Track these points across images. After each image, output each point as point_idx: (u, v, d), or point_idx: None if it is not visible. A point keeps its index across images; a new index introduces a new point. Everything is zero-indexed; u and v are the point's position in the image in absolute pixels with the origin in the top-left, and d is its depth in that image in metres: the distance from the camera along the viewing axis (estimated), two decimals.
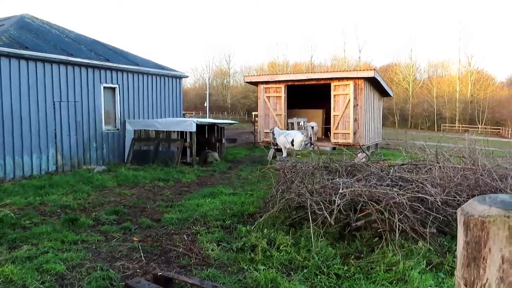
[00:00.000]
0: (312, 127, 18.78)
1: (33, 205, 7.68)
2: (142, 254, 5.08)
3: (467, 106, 61.09)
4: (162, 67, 16.10)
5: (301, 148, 14.18)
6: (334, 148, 17.18)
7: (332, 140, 17.95)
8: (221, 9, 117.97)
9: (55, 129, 11.74)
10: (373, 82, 19.30)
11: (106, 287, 4.15)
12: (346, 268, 4.45)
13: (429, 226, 5.08)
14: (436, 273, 4.36)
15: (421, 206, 5.24)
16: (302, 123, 19.16)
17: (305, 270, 4.45)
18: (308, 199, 5.54)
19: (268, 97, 19.91)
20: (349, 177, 6.52)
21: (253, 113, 41.36)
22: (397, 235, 4.87)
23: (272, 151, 15.46)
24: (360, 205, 5.38)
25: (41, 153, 11.35)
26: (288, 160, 9.68)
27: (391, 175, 6.38)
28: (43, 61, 11.37)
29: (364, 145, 17.58)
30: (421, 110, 62.71)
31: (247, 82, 23.51)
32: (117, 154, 13.76)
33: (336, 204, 5.20)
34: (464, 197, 5.43)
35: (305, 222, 5.68)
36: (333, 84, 18.37)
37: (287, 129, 17.95)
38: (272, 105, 19.78)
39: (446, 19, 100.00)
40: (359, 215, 5.39)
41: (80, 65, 12.40)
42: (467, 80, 63.34)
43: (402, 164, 7.31)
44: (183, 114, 18.40)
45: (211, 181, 10.83)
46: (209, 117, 41.99)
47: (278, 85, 19.76)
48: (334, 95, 18.34)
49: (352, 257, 4.75)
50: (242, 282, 4.25)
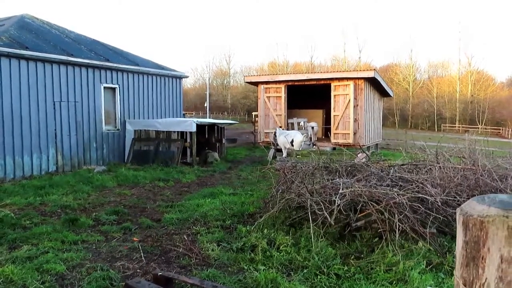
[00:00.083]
0: (312, 127, 18.80)
1: (33, 205, 7.68)
2: (142, 254, 5.08)
3: (467, 106, 61.10)
4: (162, 67, 16.11)
5: (301, 148, 14.18)
6: (334, 148, 17.18)
7: (332, 140, 17.95)
8: (221, 9, 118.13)
9: (55, 129, 11.75)
10: (373, 82, 19.30)
11: (106, 287, 4.15)
12: (346, 268, 4.45)
13: (429, 226, 5.08)
14: (436, 273, 4.36)
15: (421, 206, 5.24)
16: (302, 123, 19.16)
17: (305, 270, 4.45)
18: (308, 199, 5.54)
19: (268, 97, 19.91)
20: (349, 177, 6.52)
21: (253, 113, 41.37)
22: (397, 235, 4.87)
23: (272, 151, 15.46)
24: (360, 205, 5.38)
25: (41, 153, 11.35)
26: (288, 160, 9.68)
27: (391, 175, 6.38)
28: (43, 61, 11.38)
29: (364, 145, 17.58)
30: (421, 110, 62.72)
31: (247, 82, 23.51)
32: (117, 154, 13.77)
33: (336, 204, 5.20)
34: (464, 197, 5.44)
35: (305, 222, 5.68)
36: (333, 84, 18.37)
37: (287, 129, 17.94)
38: (272, 105, 19.78)
39: (446, 19, 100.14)
40: (359, 215, 5.39)
41: (80, 65, 12.41)
42: (467, 80, 63.34)
43: (402, 164, 7.31)
44: (183, 114, 18.40)
45: (211, 181, 10.83)
46: (209, 117, 42.00)
47: (278, 85, 19.75)
48: (334, 95, 18.34)
49: (352, 257, 4.75)
50: (242, 282, 4.25)
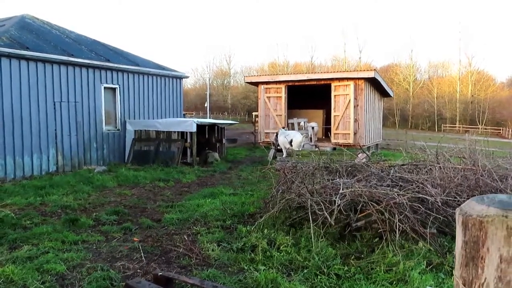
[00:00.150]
0: (313, 127, 18.80)
1: (33, 205, 7.68)
2: (142, 254, 5.08)
3: (467, 106, 61.06)
4: (163, 68, 16.12)
5: (301, 148, 14.19)
6: (335, 149, 17.17)
7: (333, 140, 17.95)
8: (221, 9, 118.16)
9: (55, 130, 11.76)
10: (374, 83, 19.30)
11: (106, 287, 4.15)
12: (346, 268, 4.46)
13: (430, 227, 5.08)
14: (436, 273, 4.36)
15: (421, 206, 5.24)
16: (302, 124, 19.16)
17: (305, 270, 4.45)
18: (309, 200, 5.54)
19: (269, 98, 19.91)
20: (349, 177, 6.52)
21: (254, 113, 41.36)
22: (397, 236, 4.87)
23: (272, 151, 15.46)
24: (360, 205, 5.38)
25: (41, 153, 11.36)
26: (288, 161, 9.69)
27: (392, 175, 6.38)
28: (44, 61, 11.38)
29: (364, 145, 17.58)
30: (422, 111, 62.69)
31: (247, 82, 23.51)
32: (117, 154, 13.77)
33: (336, 204, 5.20)
34: (464, 198, 5.43)
35: (305, 223, 5.69)
36: (333, 84, 18.36)
37: (288, 130, 17.94)
38: (273, 105, 19.78)
39: (446, 20, 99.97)
40: (359, 216, 5.40)
41: (80, 65, 12.42)
42: (467, 80, 63.31)
43: (403, 165, 7.31)
44: (184, 115, 18.41)
45: (212, 182, 10.84)
46: (210, 118, 41.99)
47: (278, 86, 19.75)
48: (335, 96, 18.34)
49: (352, 258, 4.75)
50: (242, 282, 4.25)
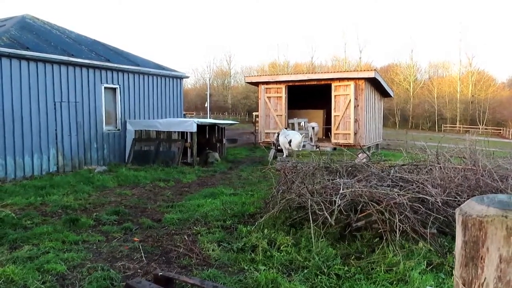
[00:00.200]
0: (313, 127, 18.80)
1: (34, 205, 7.68)
2: (143, 254, 5.09)
3: (468, 106, 61.04)
4: (163, 68, 16.12)
5: (300, 149, 14.19)
6: (335, 149, 17.18)
7: (333, 140, 17.95)
8: (221, 9, 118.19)
9: (56, 130, 11.76)
10: (374, 83, 19.30)
11: (107, 287, 4.16)
12: (346, 268, 4.46)
13: (430, 227, 5.08)
14: (436, 273, 4.36)
15: (421, 206, 5.24)
16: (302, 124, 19.15)
17: (305, 271, 4.45)
18: (309, 200, 5.54)
19: (269, 98, 19.91)
20: (349, 177, 6.52)
21: (254, 113, 41.35)
22: (397, 236, 4.87)
23: (272, 151, 15.46)
24: (360, 205, 5.38)
25: (42, 153, 11.36)
26: (288, 161, 9.69)
27: (392, 175, 6.38)
28: (44, 61, 11.39)
29: (364, 145, 17.57)
30: (422, 111, 62.69)
31: (247, 82, 23.51)
32: (118, 154, 13.77)
33: (336, 204, 5.20)
34: (464, 198, 5.43)
35: (305, 223, 5.68)
36: (333, 84, 18.36)
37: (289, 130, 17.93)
38: (273, 105, 19.78)
39: (446, 20, 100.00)
40: (359, 216, 5.40)
41: (81, 65, 12.42)
42: (468, 80, 63.31)
43: (403, 165, 7.31)
44: (184, 115, 18.41)
45: (212, 182, 10.84)
46: (210, 118, 41.99)
47: (278, 86, 19.75)
48: (335, 96, 18.34)
49: (352, 258, 4.75)
50: (242, 282, 4.26)
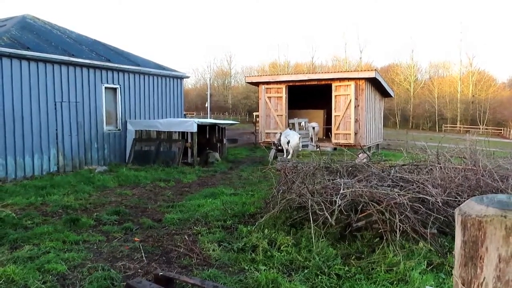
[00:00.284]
0: (313, 127, 18.79)
1: (34, 205, 7.69)
2: (143, 254, 5.09)
3: (468, 106, 61.00)
4: (163, 68, 16.13)
5: (299, 149, 14.20)
6: (335, 149, 17.18)
7: (333, 140, 17.96)
8: (222, 9, 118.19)
9: (56, 130, 11.77)
10: (374, 83, 19.29)
11: (107, 287, 4.16)
12: (347, 268, 4.46)
13: (430, 227, 5.08)
14: (436, 273, 4.36)
15: (422, 206, 5.24)
16: (303, 124, 19.15)
17: (306, 271, 4.46)
18: (309, 200, 5.54)
19: (269, 98, 19.91)
20: (350, 177, 6.52)
21: (254, 113, 41.28)
22: (398, 236, 4.88)
23: (273, 151, 15.46)
24: (361, 205, 5.38)
25: (42, 153, 11.37)
26: (289, 161, 9.69)
27: (392, 175, 6.38)
28: (45, 61, 11.39)
29: (365, 145, 17.55)
30: (422, 111, 62.66)
31: (248, 82, 23.52)
32: (118, 154, 13.78)
33: (337, 204, 5.20)
34: (465, 198, 5.43)
35: (306, 223, 5.69)
36: (334, 84, 18.37)
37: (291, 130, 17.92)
38: (273, 105, 19.78)
39: (447, 20, 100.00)
40: (360, 216, 5.40)
41: (81, 65, 12.43)
42: (468, 80, 63.25)
43: (403, 165, 7.31)
44: (184, 115, 18.42)
45: (212, 182, 10.84)
46: (210, 118, 41.98)
47: (279, 86, 19.76)
48: (335, 96, 18.34)
49: (353, 258, 4.75)
50: (243, 282, 4.26)
